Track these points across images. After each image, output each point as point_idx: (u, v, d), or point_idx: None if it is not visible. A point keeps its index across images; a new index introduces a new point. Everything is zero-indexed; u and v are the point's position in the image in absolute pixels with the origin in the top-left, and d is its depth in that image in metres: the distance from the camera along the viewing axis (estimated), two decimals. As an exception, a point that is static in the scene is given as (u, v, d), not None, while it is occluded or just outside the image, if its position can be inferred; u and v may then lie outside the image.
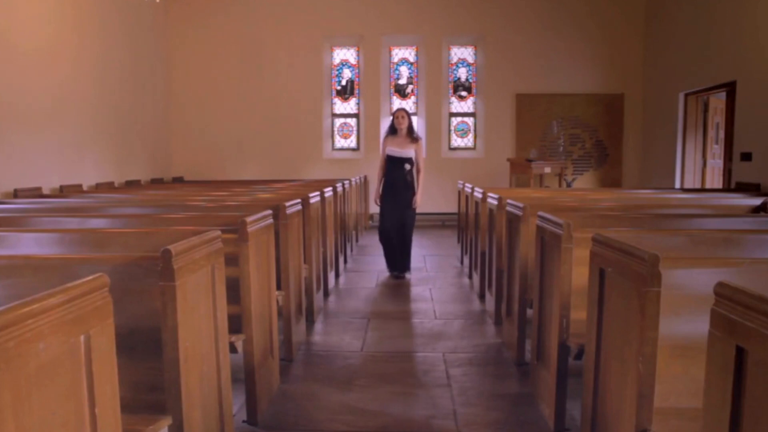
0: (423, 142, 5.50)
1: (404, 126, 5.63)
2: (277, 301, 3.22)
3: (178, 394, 1.88)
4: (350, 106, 10.48)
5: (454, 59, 10.36)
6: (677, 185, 8.52)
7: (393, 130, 5.69)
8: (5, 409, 1.05)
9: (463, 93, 10.40)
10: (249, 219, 2.70)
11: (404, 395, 3.04)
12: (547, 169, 8.66)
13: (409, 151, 5.61)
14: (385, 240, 5.85)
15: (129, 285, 1.95)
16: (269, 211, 3.06)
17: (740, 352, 1.20)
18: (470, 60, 10.35)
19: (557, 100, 10.02)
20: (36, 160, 6.19)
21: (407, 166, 5.62)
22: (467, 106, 10.42)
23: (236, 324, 2.62)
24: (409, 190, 5.65)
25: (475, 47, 10.28)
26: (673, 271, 1.82)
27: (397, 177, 5.63)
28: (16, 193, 5.62)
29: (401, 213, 5.66)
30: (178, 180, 9.74)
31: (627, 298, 1.89)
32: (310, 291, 4.31)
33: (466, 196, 6.23)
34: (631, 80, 9.93)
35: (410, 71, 10.41)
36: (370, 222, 9.71)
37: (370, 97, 10.30)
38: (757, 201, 4.42)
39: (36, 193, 5.87)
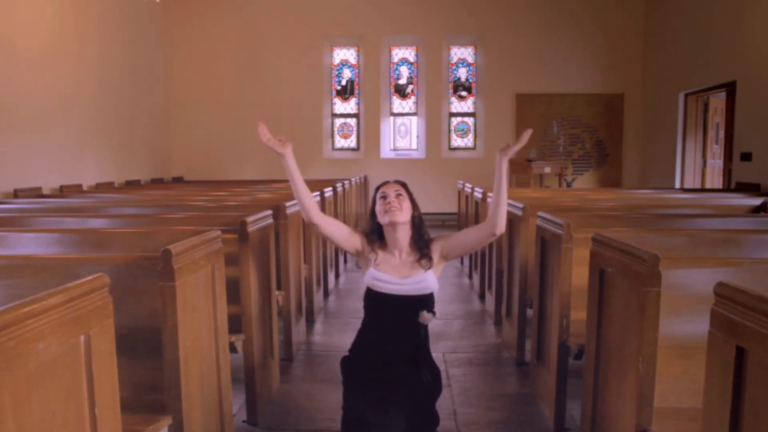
0: (444, 240, 2.19)
1: (401, 218, 2.08)
2: (277, 301, 3.22)
3: (178, 394, 1.88)
4: (350, 106, 10.48)
5: (454, 59, 10.36)
6: (677, 185, 8.52)
7: (377, 232, 2.16)
8: (5, 409, 1.05)
9: (463, 93, 10.39)
10: (249, 219, 2.70)
11: (404, 395, 3.03)
12: (547, 169, 8.66)
13: (424, 280, 2.08)
14: None
15: (129, 285, 1.95)
16: (269, 211, 3.06)
17: (740, 352, 1.20)
18: (470, 60, 10.35)
19: (557, 100, 10.02)
20: (36, 160, 6.19)
21: (425, 316, 2.05)
22: (467, 106, 10.42)
23: (236, 324, 2.62)
24: (424, 366, 2.17)
25: (475, 47, 10.28)
26: (673, 271, 1.82)
27: (397, 340, 2.08)
28: (16, 193, 5.62)
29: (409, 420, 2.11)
30: (178, 180, 9.74)
31: (627, 298, 1.89)
32: (310, 291, 4.30)
33: (466, 196, 6.23)
34: (631, 80, 9.92)
35: (410, 71, 10.41)
36: None
37: (370, 97, 10.30)
38: (757, 201, 4.42)
39: (36, 193, 5.87)
